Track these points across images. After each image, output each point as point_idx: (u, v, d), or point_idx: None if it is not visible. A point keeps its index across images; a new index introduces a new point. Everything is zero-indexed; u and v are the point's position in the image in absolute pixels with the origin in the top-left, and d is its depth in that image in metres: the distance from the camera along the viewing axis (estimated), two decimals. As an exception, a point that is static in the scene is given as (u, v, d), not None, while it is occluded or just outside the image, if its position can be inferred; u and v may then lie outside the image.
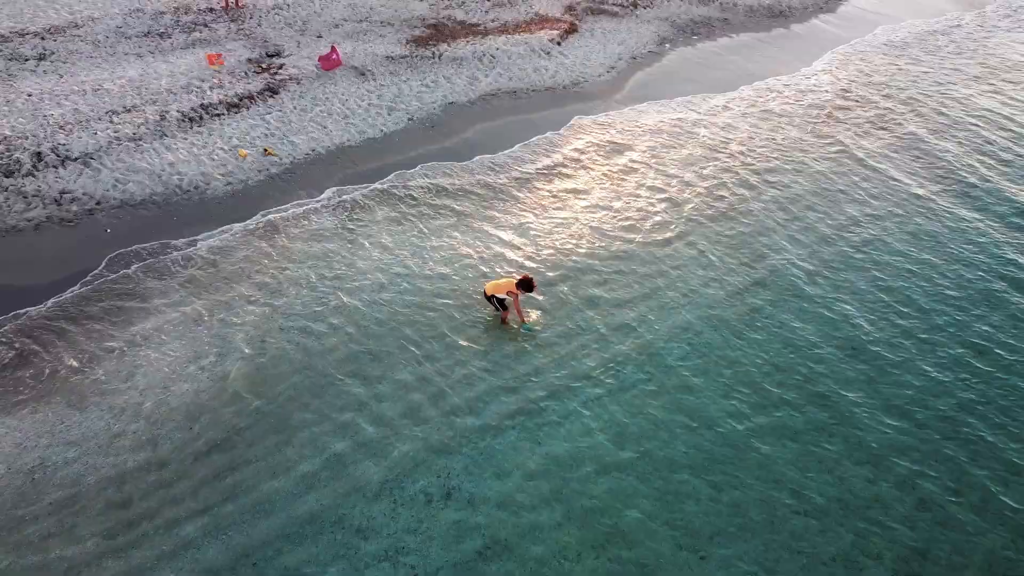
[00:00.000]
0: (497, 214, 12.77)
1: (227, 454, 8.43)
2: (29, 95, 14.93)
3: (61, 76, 15.79)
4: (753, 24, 21.43)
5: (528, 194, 13.41)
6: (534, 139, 15.15)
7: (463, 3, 20.98)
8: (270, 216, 12.43)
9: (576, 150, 14.90)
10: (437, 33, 18.94)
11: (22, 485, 8.03)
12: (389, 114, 15.48)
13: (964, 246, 12.23)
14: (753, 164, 14.46)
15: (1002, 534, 7.80)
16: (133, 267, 11.20)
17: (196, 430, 8.68)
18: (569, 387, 9.42)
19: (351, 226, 12.28)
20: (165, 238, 11.78)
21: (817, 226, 12.69)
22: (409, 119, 15.42)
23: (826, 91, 17.68)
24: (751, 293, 11.07)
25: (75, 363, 9.48)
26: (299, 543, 7.58)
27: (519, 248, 11.91)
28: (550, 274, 11.33)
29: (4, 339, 9.80)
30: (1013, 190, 13.71)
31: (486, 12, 20.44)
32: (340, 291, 10.85)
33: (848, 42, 21.04)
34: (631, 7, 21.45)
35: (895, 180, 14.08)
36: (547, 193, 13.46)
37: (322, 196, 13.00)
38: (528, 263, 11.53)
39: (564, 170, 14.20)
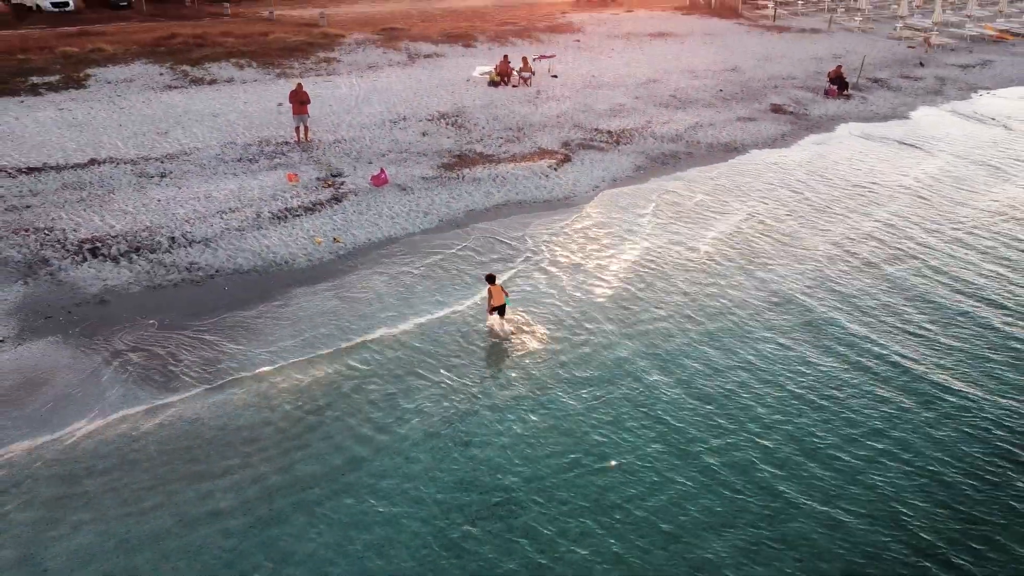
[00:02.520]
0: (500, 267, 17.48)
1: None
2: (159, 200, 20.18)
3: (179, 188, 21.11)
4: (713, 156, 26.81)
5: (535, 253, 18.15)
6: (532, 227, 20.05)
7: (481, 139, 26.58)
8: (336, 280, 17.17)
9: (563, 233, 19.71)
10: (461, 161, 24.37)
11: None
12: (424, 217, 20.52)
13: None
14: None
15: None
16: (255, 308, 15.85)
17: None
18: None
19: (399, 287, 16.98)
20: (265, 294, 16.48)
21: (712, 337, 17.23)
22: (440, 221, 20.43)
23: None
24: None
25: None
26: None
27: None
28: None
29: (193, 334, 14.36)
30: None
31: (499, 146, 25.98)
32: (384, 320, 15.40)
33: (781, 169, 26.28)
34: (614, 143, 26.99)
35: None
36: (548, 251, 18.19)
37: (377, 265, 17.79)
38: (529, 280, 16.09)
39: (561, 237, 18.99)
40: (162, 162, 22.95)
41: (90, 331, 14.86)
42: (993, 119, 32.73)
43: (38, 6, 52.79)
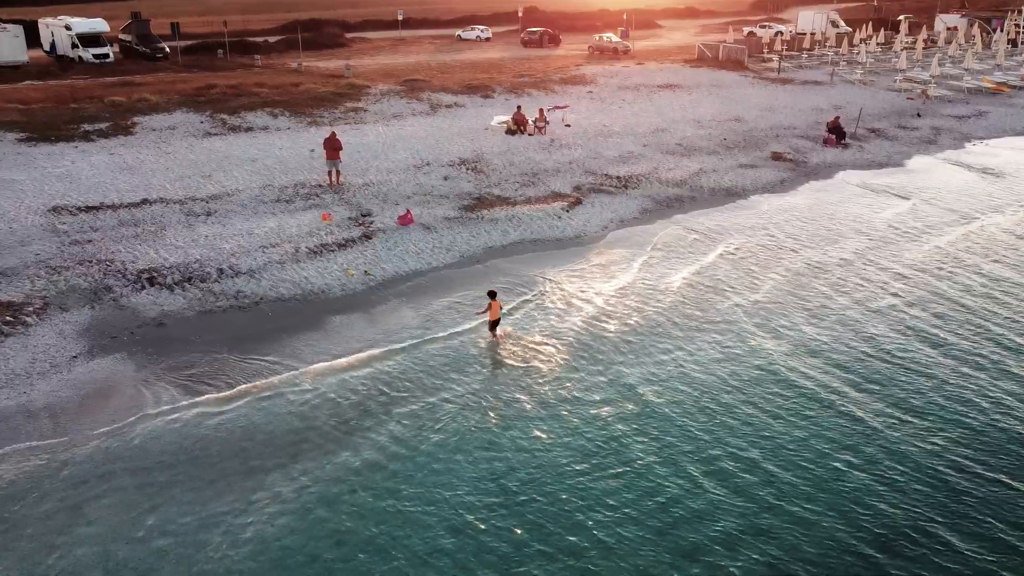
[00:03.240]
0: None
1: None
2: (206, 236, 22.24)
3: (224, 225, 23.20)
4: (715, 200, 28.69)
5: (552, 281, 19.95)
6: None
7: (499, 183, 28.62)
8: (370, 310, 19.02)
9: (573, 268, 21.51)
10: (480, 203, 26.36)
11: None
12: (446, 253, 22.43)
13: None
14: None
15: None
16: (295, 329, 17.70)
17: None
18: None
19: (423, 313, 18.80)
20: (304, 325, 18.34)
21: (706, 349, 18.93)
22: (461, 256, 22.32)
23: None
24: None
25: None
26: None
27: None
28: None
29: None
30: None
31: (516, 190, 27.99)
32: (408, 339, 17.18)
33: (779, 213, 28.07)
34: (623, 187, 28.94)
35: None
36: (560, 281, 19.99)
37: (404, 295, 19.65)
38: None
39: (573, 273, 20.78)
40: (207, 202, 25.11)
41: (150, 349, 16.74)
42: (982, 167, 34.51)
43: (80, 57, 56.07)
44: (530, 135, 35.78)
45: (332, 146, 26.85)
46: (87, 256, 20.76)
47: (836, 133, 37.23)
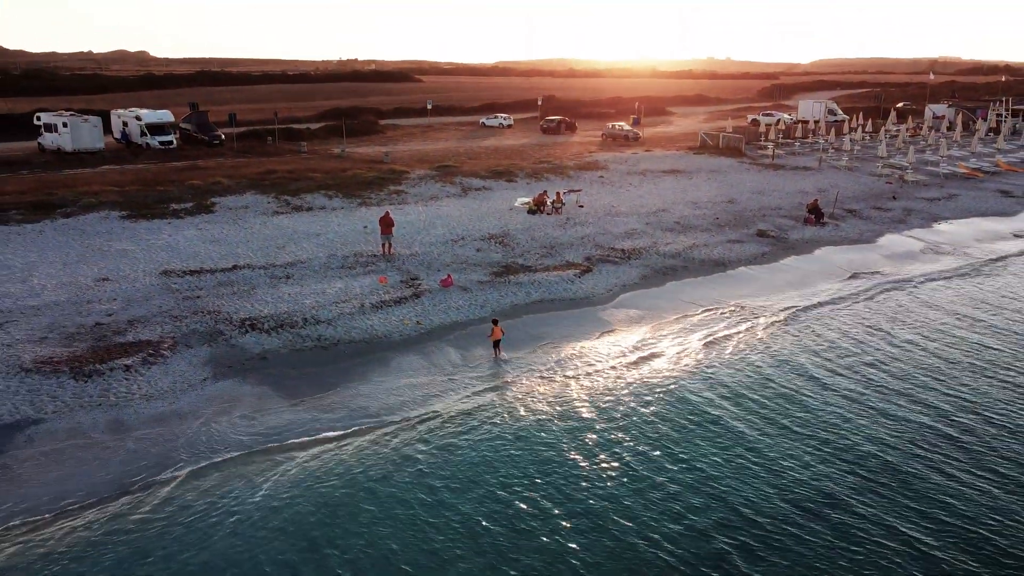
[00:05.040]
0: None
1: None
2: (289, 294, 27.83)
3: (302, 286, 28.81)
4: (704, 270, 34.04)
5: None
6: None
7: (522, 254, 34.18)
8: (422, 350, 24.31)
9: (582, 321, 26.73)
10: (507, 270, 31.86)
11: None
12: (481, 308, 27.77)
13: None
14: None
15: None
16: (364, 363, 22.99)
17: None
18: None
19: (464, 352, 24.05)
20: (373, 362, 23.65)
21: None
22: (492, 311, 27.66)
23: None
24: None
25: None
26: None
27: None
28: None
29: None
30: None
31: (537, 260, 33.51)
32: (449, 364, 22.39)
33: (759, 280, 33.26)
34: (626, 258, 34.39)
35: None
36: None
37: (448, 339, 24.94)
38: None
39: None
40: (285, 268, 30.83)
41: (258, 375, 22.08)
42: (943, 244, 39.78)
43: (148, 144, 63.22)
44: (548, 215, 41.57)
45: (386, 223, 32.70)
46: (198, 308, 26.34)
47: (815, 213, 42.75)
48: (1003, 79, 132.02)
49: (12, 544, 14.90)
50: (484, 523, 15.78)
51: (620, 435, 19.36)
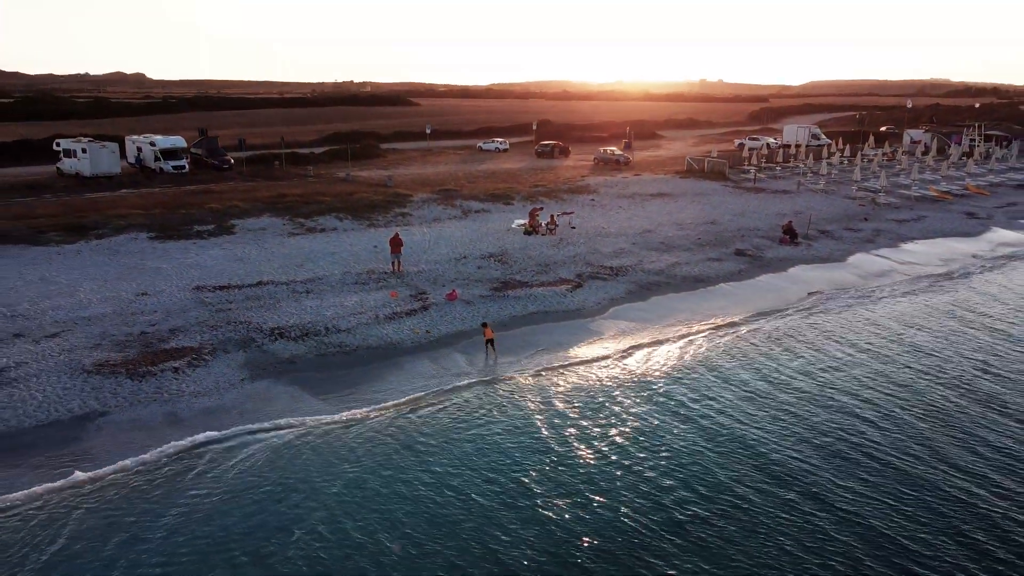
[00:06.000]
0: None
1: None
2: (310, 307, 31.04)
3: (321, 300, 32.01)
4: (685, 286, 37.34)
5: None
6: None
7: (519, 271, 37.47)
8: (432, 355, 27.50)
9: (574, 331, 29.93)
10: (506, 286, 35.14)
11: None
12: (483, 320, 31.01)
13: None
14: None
15: None
16: (381, 366, 26.16)
17: (421, 409, 23.26)
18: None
19: (469, 357, 27.25)
20: (390, 365, 26.83)
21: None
22: (492, 321, 30.88)
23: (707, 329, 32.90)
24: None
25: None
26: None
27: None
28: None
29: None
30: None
31: (532, 276, 36.79)
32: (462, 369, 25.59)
33: (735, 295, 36.54)
34: (614, 275, 37.70)
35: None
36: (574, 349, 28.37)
37: (455, 346, 28.13)
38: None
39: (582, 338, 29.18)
40: (305, 284, 34.05)
41: (289, 375, 25.23)
42: (908, 262, 43.24)
43: (162, 168, 66.50)
44: (543, 235, 44.91)
45: (396, 243, 36.01)
46: (231, 319, 29.50)
47: (789, 234, 46.20)
48: (976, 106, 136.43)
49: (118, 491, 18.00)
50: (477, 484, 18.94)
51: (601, 419, 22.54)
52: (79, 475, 19.20)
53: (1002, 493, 19.20)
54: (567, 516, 17.99)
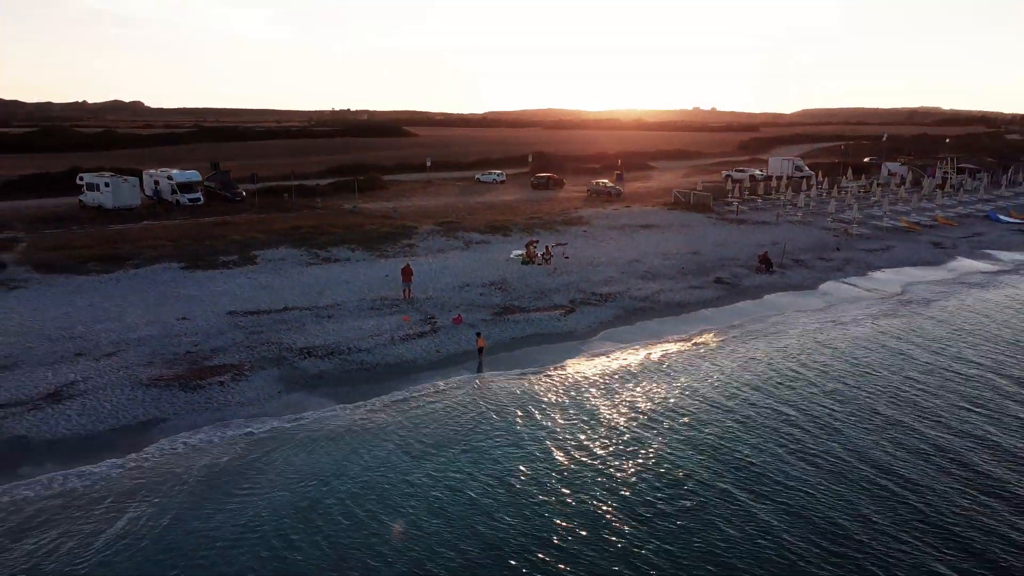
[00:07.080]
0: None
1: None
2: (333, 329, 34.91)
3: (342, 323, 35.90)
4: (668, 311, 41.31)
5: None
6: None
7: (518, 298, 41.43)
8: (441, 371, 31.36)
9: (567, 352, 33.79)
10: (506, 310, 39.09)
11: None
12: (486, 340, 34.89)
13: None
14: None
15: None
16: (399, 380, 30.00)
17: (435, 417, 27.09)
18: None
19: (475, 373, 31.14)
20: (406, 379, 30.68)
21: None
22: (495, 343, 34.75)
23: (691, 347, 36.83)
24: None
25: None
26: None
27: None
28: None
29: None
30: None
31: (529, 302, 40.74)
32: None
33: (713, 319, 40.47)
34: (603, 301, 41.66)
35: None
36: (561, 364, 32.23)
37: (462, 364, 31.99)
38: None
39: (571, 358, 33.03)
40: (326, 309, 37.96)
41: (319, 388, 29.05)
42: (874, 288, 47.35)
43: (178, 201, 70.42)
44: (539, 265, 48.93)
45: (407, 272, 40.02)
46: (263, 340, 33.36)
47: (765, 263, 50.31)
48: (947, 140, 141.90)
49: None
50: (474, 464, 22.73)
51: (592, 418, 26.37)
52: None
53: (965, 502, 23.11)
54: (537, 492, 21.78)
